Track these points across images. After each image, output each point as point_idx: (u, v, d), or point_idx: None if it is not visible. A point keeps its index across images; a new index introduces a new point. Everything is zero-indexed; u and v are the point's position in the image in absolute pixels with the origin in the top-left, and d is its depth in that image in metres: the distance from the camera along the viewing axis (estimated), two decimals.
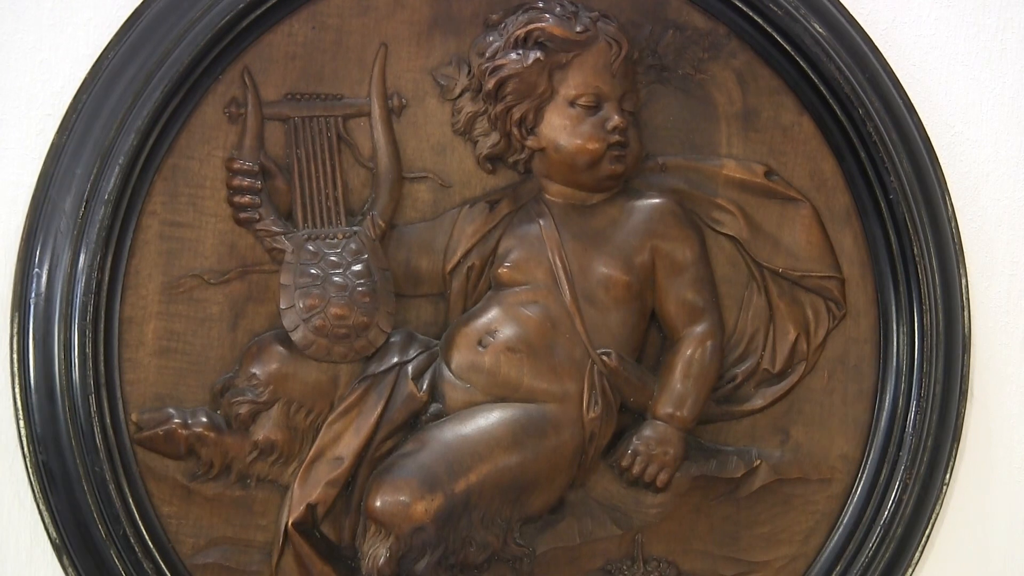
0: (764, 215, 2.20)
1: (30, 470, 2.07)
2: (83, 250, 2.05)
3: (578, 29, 2.11)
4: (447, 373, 2.13)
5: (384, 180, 2.13)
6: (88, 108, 2.08)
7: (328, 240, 2.11)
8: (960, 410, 2.23)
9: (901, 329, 2.21)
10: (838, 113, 2.18)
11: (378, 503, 2.06)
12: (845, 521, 2.21)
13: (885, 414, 2.21)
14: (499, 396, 2.12)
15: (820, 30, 2.17)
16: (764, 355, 2.20)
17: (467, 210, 2.15)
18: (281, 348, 2.11)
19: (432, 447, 2.09)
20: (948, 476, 2.23)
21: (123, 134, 2.06)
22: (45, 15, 2.12)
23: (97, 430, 2.05)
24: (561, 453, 2.12)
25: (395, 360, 2.12)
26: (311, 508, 2.10)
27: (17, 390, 2.07)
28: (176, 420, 2.09)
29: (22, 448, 2.07)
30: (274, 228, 2.11)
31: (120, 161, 2.06)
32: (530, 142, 2.13)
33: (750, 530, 2.20)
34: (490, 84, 2.12)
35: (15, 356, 2.07)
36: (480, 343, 2.12)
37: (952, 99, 2.29)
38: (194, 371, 2.10)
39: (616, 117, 2.11)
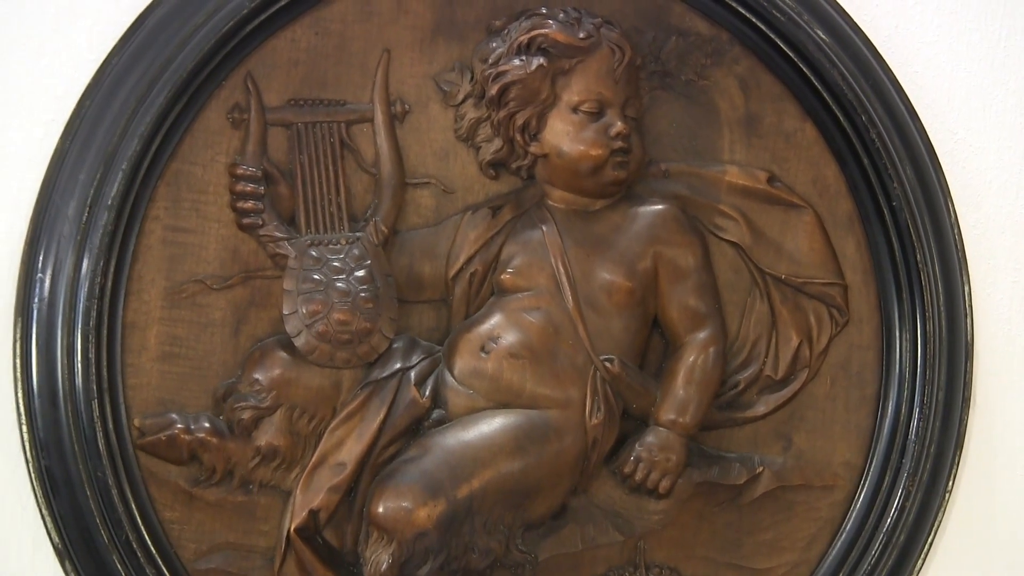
0: (767, 221, 2.20)
1: (33, 475, 2.06)
2: (86, 255, 2.06)
3: (581, 35, 2.11)
4: (450, 379, 2.13)
5: (387, 186, 2.13)
6: (91, 113, 2.08)
7: (331, 246, 2.11)
8: (963, 417, 2.23)
9: (904, 336, 2.21)
10: (841, 119, 2.19)
11: (380, 509, 2.06)
12: (848, 528, 2.21)
13: (888, 421, 2.21)
14: (501, 402, 2.12)
15: (823, 36, 2.17)
16: (767, 362, 2.20)
17: (470, 216, 2.15)
18: (284, 354, 2.11)
19: (435, 453, 2.09)
20: (951, 483, 2.22)
21: (126, 139, 2.06)
22: (48, 20, 2.12)
23: (100, 435, 2.05)
24: (563, 459, 2.12)
25: (398, 366, 2.12)
26: (313, 514, 2.09)
27: (20, 395, 2.06)
28: (179, 425, 2.09)
29: (25, 453, 2.07)
30: (277, 234, 2.11)
31: (123, 166, 2.06)
32: (533, 148, 2.13)
33: (752, 537, 2.20)
34: (493, 90, 2.12)
35: (18, 361, 2.07)
36: (483, 349, 2.12)
37: (955, 106, 2.29)
38: (197, 376, 2.10)
39: (619, 123, 2.11)
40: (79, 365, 2.05)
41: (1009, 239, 2.30)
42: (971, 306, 2.23)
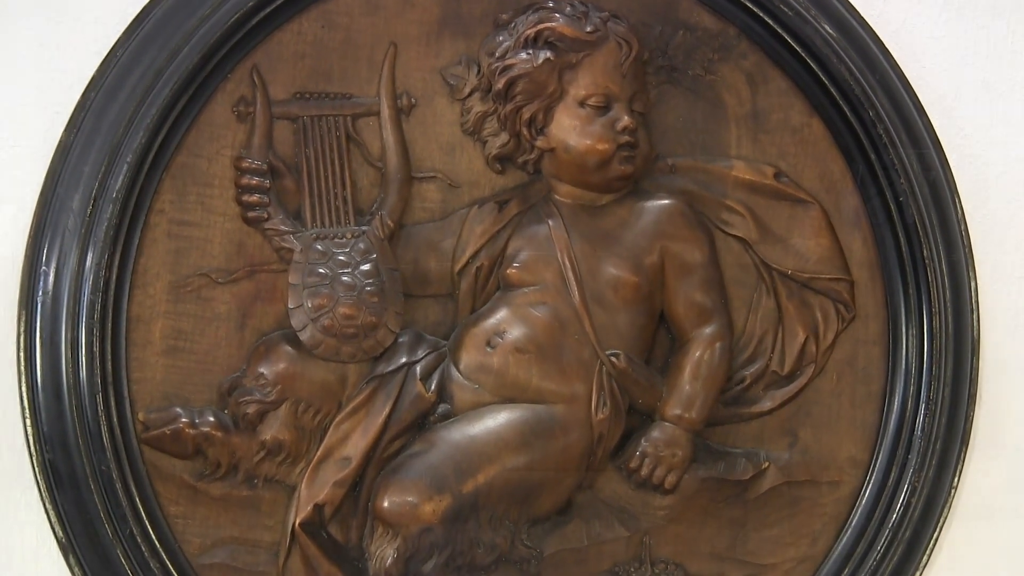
0: (773, 217, 2.20)
1: (37, 469, 2.06)
2: (91, 248, 2.05)
3: (588, 29, 2.11)
4: (455, 374, 2.12)
5: (393, 180, 2.13)
6: (96, 106, 2.08)
7: (337, 240, 2.11)
8: (969, 413, 2.23)
9: (910, 332, 2.21)
10: (848, 115, 2.18)
11: (386, 503, 2.06)
12: (853, 523, 2.21)
13: (894, 417, 2.21)
14: (507, 397, 2.12)
15: (830, 31, 2.17)
16: (773, 357, 2.20)
17: (476, 210, 2.15)
18: (289, 348, 2.11)
19: (440, 448, 2.09)
20: (956, 479, 2.22)
21: (131, 132, 2.06)
22: (53, 12, 2.12)
23: (104, 429, 2.05)
24: (569, 454, 2.12)
25: (403, 360, 2.12)
26: (318, 508, 2.09)
27: (24, 389, 2.06)
28: (183, 419, 2.09)
29: (29, 447, 2.06)
30: (282, 227, 2.10)
31: (128, 159, 2.05)
32: (539, 142, 2.13)
33: (758, 532, 2.20)
34: (500, 84, 2.11)
35: (22, 355, 2.07)
36: (489, 344, 2.12)
37: (962, 101, 2.29)
38: (201, 370, 2.10)
39: (626, 118, 2.11)
40: (83, 359, 2.05)
41: (1016, 234, 2.30)
42: (977, 302, 2.23)
